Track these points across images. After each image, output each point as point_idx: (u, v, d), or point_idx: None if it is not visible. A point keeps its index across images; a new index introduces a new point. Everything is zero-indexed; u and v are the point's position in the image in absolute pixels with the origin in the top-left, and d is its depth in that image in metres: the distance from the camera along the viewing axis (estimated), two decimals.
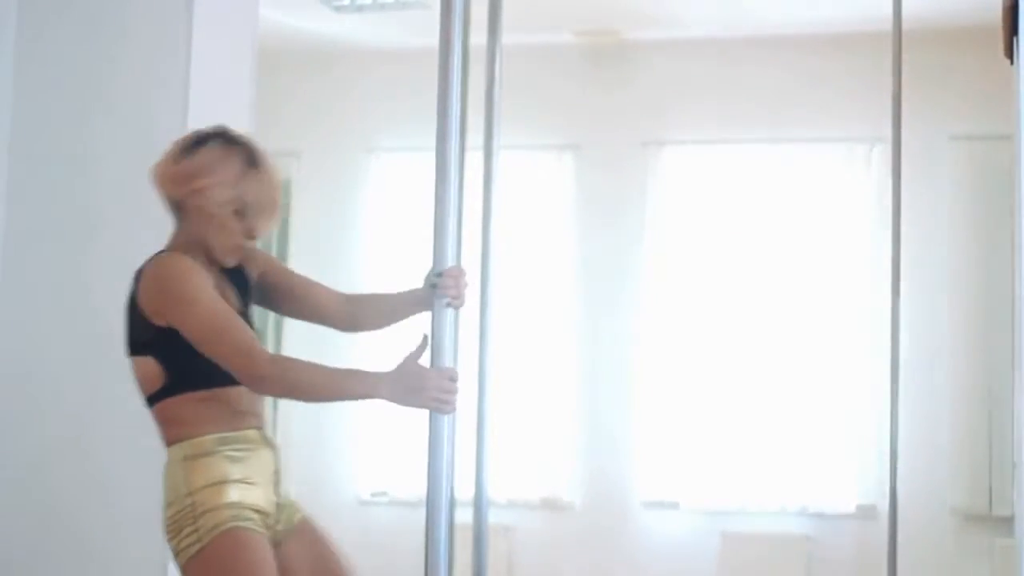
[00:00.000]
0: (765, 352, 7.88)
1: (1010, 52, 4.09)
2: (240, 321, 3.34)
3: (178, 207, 3.48)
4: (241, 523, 3.31)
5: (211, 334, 3.28)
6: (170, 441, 3.40)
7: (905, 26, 5.42)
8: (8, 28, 4.97)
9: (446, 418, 2.97)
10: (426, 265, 3.01)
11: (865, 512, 7.63)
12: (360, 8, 7.62)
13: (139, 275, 3.41)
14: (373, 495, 8.30)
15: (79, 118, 4.93)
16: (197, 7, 4.84)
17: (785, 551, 7.68)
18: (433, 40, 2.95)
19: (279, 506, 3.48)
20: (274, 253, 8.60)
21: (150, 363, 3.41)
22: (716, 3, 7.52)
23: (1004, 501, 7.33)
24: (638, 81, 8.21)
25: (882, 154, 7.60)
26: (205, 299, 3.30)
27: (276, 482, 3.48)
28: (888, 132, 5.51)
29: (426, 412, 2.97)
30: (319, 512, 3.79)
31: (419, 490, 8.03)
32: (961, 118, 7.69)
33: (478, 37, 3.42)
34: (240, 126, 4.71)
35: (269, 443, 3.50)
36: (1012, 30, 3.94)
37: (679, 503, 7.91)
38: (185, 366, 3.36)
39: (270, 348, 8.59)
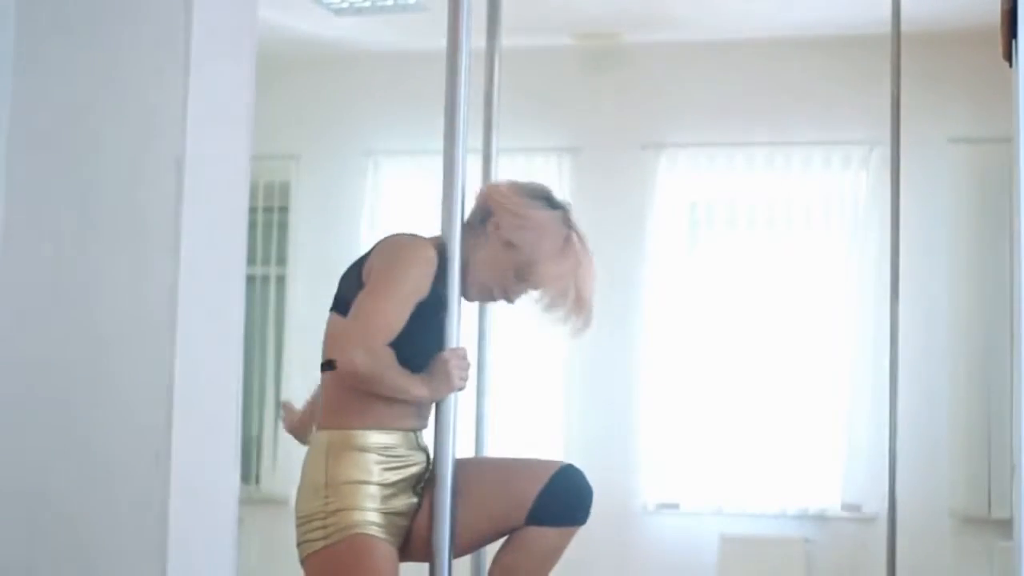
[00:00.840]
0: (765, 354, 7.88)
1: (1009, 55, 4.09)
2: (394, 321, 3.21)
3: (482, 223, 3.40)
4: (370, 530, 3.22)
5: (365, 311, 3.20)
6: (323, 424, 3.31)
7: (904, 29, 5.43)
8: (7, 29, 4.97)
9: (451, 421, 2.98)
10: None
11: (865, 514, 7.63)
12: (359, 11, 7.63)
13: (384, 240, 3.35)
14: None
15: (77, 119, 4.92)
16: (196, 9, 4.83)
17: (784, 553, 7.68)
18: (431, 43, 2.96)
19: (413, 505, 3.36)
20: (273, 256, 8.64)
21: (340, 323, 3.31)
22: (715, 6, 7.52)
23: (1003, 504, 7.33)
24: (637, 84, 8.21)
25: (881, 157, 7.60)
26: (402, 291, 3.22)
27: (415, 484, 3.34)
28: (887, 135, 5.52)
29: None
30: None
31: None
32: (960, 121, 7.69)
33: (477, 40, 3.42)
34: (239, 129, 4.73)
35: (423, 449, 3.37)
36: (1011, 33, 3.94)
37: (678, 505, 7.91)
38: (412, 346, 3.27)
39: (270, 352, 8.55)
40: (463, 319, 3.15)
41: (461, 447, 3.14)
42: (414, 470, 3.33)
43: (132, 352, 4.55)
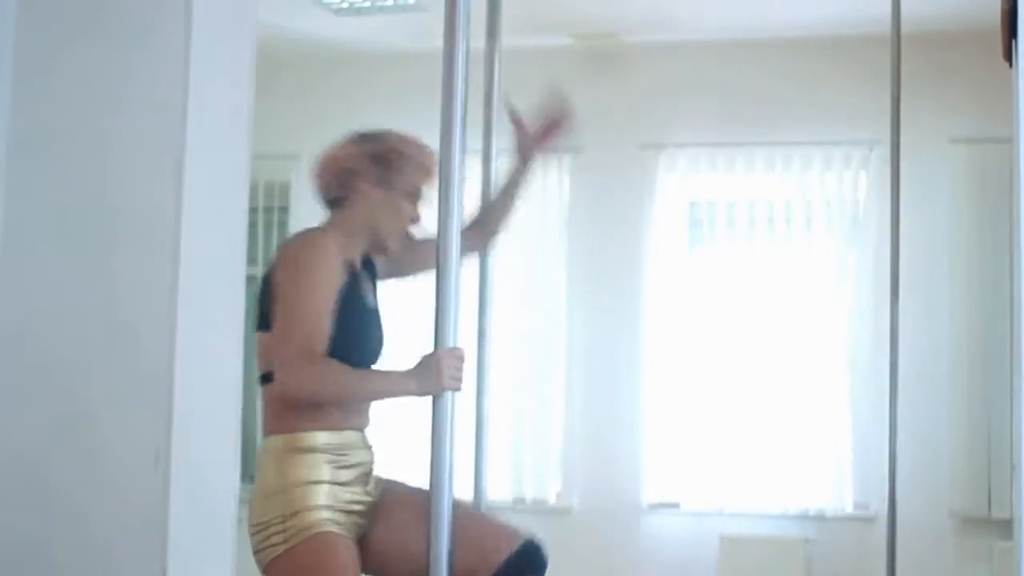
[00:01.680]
0: (765, 354, 7.88)
1: (1009, 55, 4.09)
2: (320, 324, 3.30)
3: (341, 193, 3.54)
4: (329, 527, 3.28)
5: (287, 326, 3.27)
6: (270, 430, 3.36)
7: (904, 29, 5.43)
8: (7, 30, 4.97)
9: (448, 420, 2.98)
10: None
11: (864, 515, 7.63)
12: (359, 11, 7.62)
13: (279, 249, 3.47)
14: None
15: (77, 119, 4.92)
16: (196, 10, 4.83)
17: (784, 554, 7.68)
18: (431, 43, 2.96)
19: (369, 504, 3.46)
20: (274, 256, 8.63)
21: (267, 339, 3.37)
22: (715, 6, 7.52)
23: (1003, 504, 7.33)
24: (637, 84, 8.21)
25: (881, 157, 7.60)
26: (315, 291, 3.31)
27: (366, 482, 3.47)
28: (887, 135, 5.51)
29: (427, 414, 2.97)
30: None
31: None
32: (960, 121, 7.69)
33: (477, 40, 3.42)
34: (239, 129, 4.73)
35: (367, 445, 3.51)
36: (1011, 33, 3.94)
37: (678, 505, 7.91)
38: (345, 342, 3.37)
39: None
40: (462, 319, 3.14)
41: (460, 447, 3.13)
42: (363, 468, 3.46)
43: (132, 351, 4.55)
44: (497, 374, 5.37)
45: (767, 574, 7.65)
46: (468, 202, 3.26)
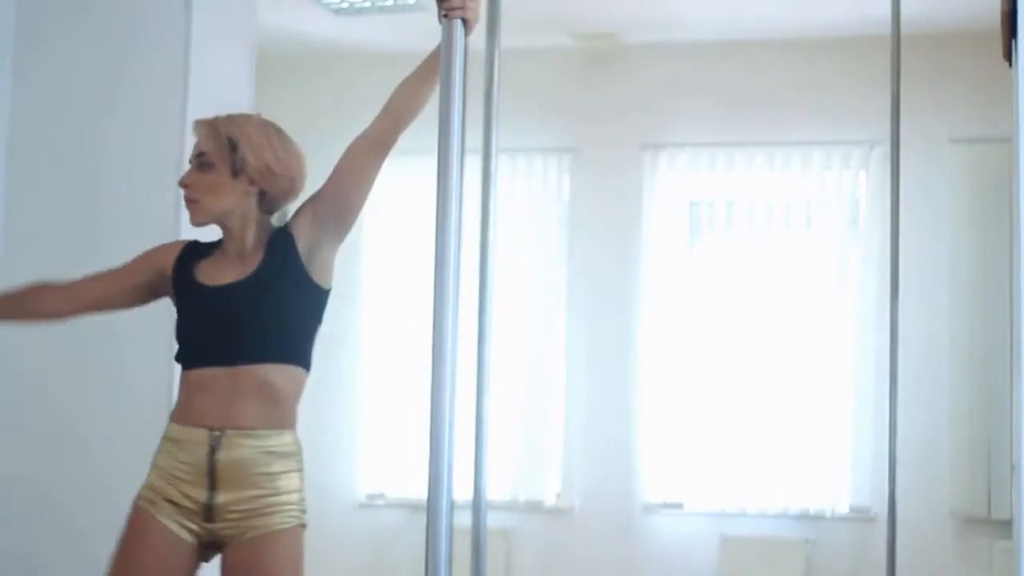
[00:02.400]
0: (765, 355, 7.87)
1: (1009, 55, 4.08)
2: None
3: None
4: (143, 504, 3.47)
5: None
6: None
7: (905, 29, 5.43)
8: (7, 31, 4.97)
9: (446, 419, 2.96)
10: (424, 267, 3.00)
11: (864, 515, 7.63)
12: (359, 11, 7.62)
13: None
14: (369, 497, 8.29)
15: (77, 120, 4.93)
16: (196, 10, 4.84)
17: (785, 554, 7.68)
18: (431, 43, 2.94)
19: (220, 507, 3.46)
20: None
21: None
22: (715, 6, 7.52)
23: (1003, 504, 7.33)
24: (636, 84, 8.21)
25: (881, 156, 7.60)
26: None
27: (215, 485, 3.45)
28: (887, 134, 5.51)
29: (426, 414, 2.96)
30: (316, 515, 3.78)
31: (416, 493, 8.05)
32: (961, 121, 7.68)
33: (476, 40, 3.41)
34: None
35: (217, 447, 3.46)
36: (1011, 33, 3.93)
37: (679, 506, 7.90)
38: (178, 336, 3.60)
39: None
40: (461, 319, 3.13)
41: (460, 448, 3.13)
42: (200, 462, 3.45)
43: (132, 352, 4.55)
44: (497, 374, 5.37)
45: (768, 574, 7.65)
46: (467, 203, 3.26)
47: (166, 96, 4.73)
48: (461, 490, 3.25)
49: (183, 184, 3.56)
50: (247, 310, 3.52)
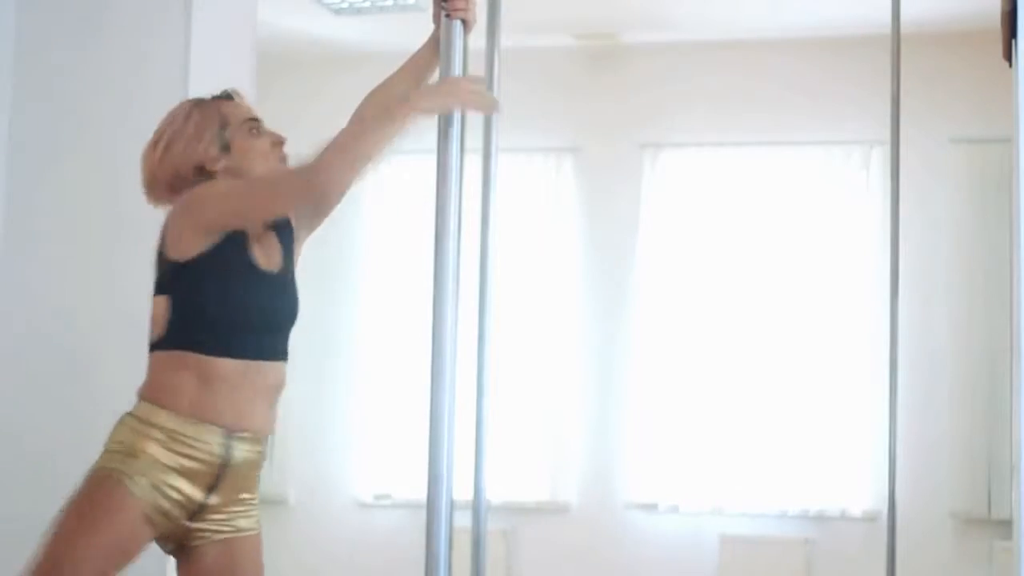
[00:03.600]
0: (764, 355, 7.87)
1: (1009, 55, 4.08)
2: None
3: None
4: (126, 481, 3.22)
5: (238, 194, 3.31)
6: (140, 395, 3.32)
7: (905, 30, 5.42)
8: (7, 31, 4.97)
9: (446, 420, 2.96)
10: (424, 267, 3.00)
11: (865, 515, 7.63)
12: (359, 11, 7.62)
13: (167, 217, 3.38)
14: (376, 498, 8.28)
15: (76, 121, 4.93)
16: (196, 10, 4.84)
17: (784, 554, 7.68)
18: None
19: (210, 507, 3.35)
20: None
21: (161, 303, 3.32)
22: (715, 7, 7.52)
23: (1003, 504, 7.33)
24: (636, 84, 8.21)
25: (881, 156, 7.61)
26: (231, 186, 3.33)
27: (216, 487, 3.32)
28: (887, 135, 5.51)
29: (426, 415, 2.95)
30: (318, 515, 3.78)
31: (417, 493, 8.03)
32: (962, 121, 7.69)
33: (476, 40, 3.41)
34: None
35: (230, 450, 3.31)
36: (1011, 33, 3.93)
37: (678, 506, 7.91)
38: (190, 314, 3.29)
39: None
40: (461, 320, 3.13)
41: (459, 449, 3.13)
42: (206, 467, 3.29)
43: (129, 353, 4.54)
44: (497, 374, 5.36)
45: (768, 574, 7.65)
46: (467, 203, 3.26)
47: (166, 96, 4.73)
48: (461, 490, 3.26)
49: (280, 140, 3.53)
50: (291, 301, 3.45)
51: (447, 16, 2.91)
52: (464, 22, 2.95)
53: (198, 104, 3.50)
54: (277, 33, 7.77)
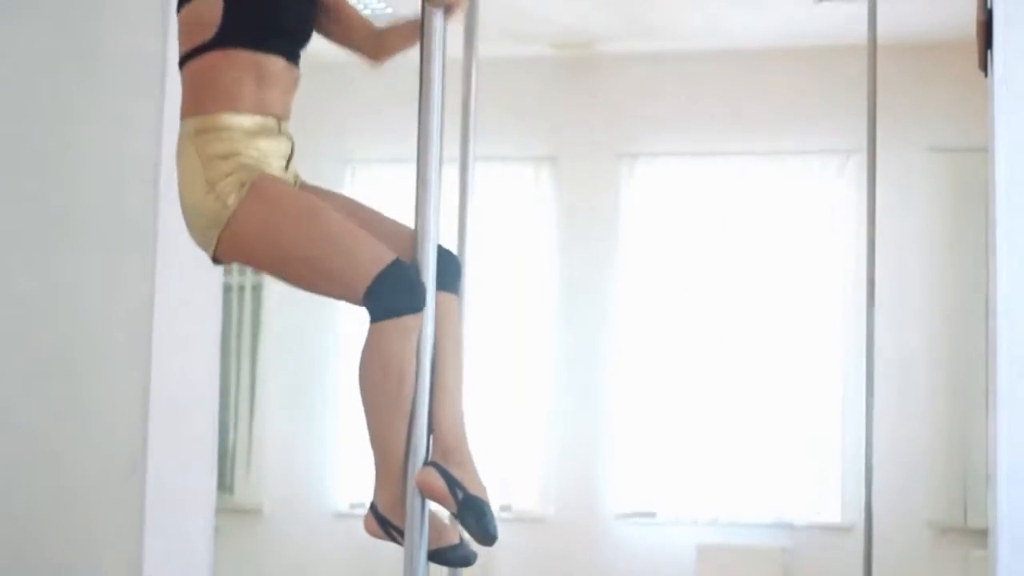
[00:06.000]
0: (740, 364, 7.88)
1: (985, 65, 4.11)
2: None
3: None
4: (268, 175, 3.17)
5: None
6: (186, 112, 3.23)
7: (882, 40, 5.44)
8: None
9: (423, 429, 2.96)
10: None
11: (841, 524, 7.64)
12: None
13: None
14: (353, 507, 8.27)
15: (53, 124, 4.91)
16: (174, 13, 4.82)
17: (761, 563, 7.68)
18: (410, 53, 2.95)
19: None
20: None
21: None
22: (691, 16, 7.53)
23: (979, 513, 7.34)
24: (613, 93, 8.22)
25: (858, 165, 7.62)
26: None
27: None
28: (864, 144, 5.53)
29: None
30: (294, 524, 3.77)
31: None
32: (938, 130, 7.71)
33: (454, 49, 3.41)
34: None
35: (286, 134, 3.41)
36: (987, 43, 3.96)
37: (655, 515, 7.91)
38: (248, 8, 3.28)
39: (245, 362, 8.47)
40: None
41: None
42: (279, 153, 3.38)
43: (108, 361, 4.53)
44: (475, 383, 5.36)
45: None
46: (444, 211, 3.26)
47: (143, 101, 4.72)
48: None
49: None
50: None
51: (428, 2, 2.91)
52: (448, 8, 2.92)
53: None
54: None
